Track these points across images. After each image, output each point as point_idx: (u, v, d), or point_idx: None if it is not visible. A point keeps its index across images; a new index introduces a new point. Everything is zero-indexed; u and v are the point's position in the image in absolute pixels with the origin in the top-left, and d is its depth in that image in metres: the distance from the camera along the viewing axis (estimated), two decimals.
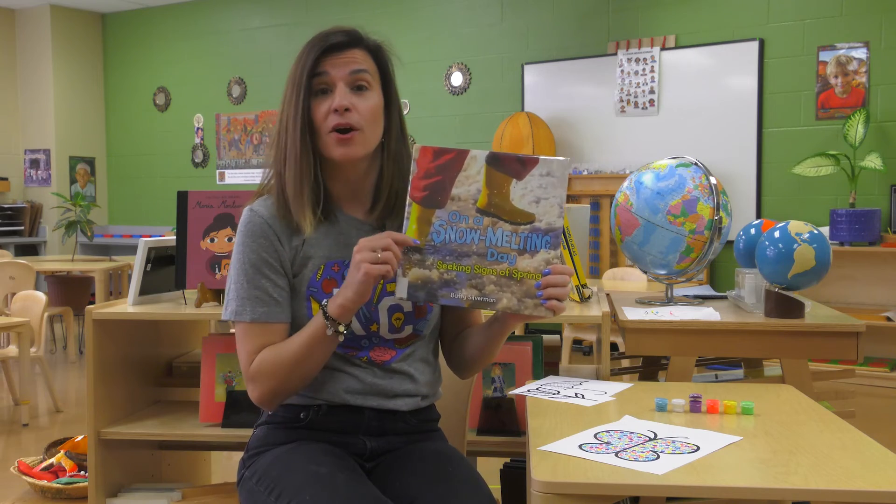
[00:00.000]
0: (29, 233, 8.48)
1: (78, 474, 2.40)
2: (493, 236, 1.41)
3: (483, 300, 1.41)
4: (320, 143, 1.50)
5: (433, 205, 1.41)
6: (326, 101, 1.49)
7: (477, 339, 1.60)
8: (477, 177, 1.41)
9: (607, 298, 2.49)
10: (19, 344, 4.35)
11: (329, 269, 1.54)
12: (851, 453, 1.34)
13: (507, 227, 1.41)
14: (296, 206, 1.49)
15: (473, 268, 1.41)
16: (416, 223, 1.41)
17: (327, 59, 1.49)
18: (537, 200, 1.41)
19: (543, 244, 1.41)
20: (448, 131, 6.87)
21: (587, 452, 1.34)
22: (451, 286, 1.41)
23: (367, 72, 1.51)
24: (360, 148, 1.50)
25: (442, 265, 1.41)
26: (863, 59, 5.53)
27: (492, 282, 1.41)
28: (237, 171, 8.18)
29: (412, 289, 1.41)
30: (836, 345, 2.18)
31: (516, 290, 1.41)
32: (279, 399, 1.52)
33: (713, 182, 2.33)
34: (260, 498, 1.47)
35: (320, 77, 1.49)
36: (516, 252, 1.41)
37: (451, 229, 1.41)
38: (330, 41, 1.50)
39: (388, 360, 1.57)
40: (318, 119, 1.49)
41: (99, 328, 2.15)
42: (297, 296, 1.54)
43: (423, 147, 1.42)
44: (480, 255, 1.41)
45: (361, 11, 7.31)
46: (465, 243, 1.41)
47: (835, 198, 5.63)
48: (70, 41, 8.58)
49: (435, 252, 1.41)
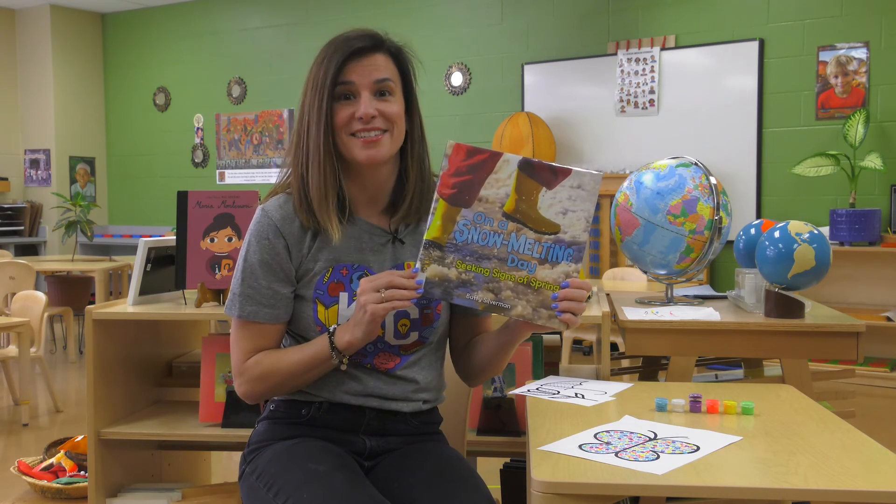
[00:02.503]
0: (29, 233, 8.48)
1: (78, 474, 2.40)
2: (516, 242, 1.40)
3: (498, 304, 1.41)
4: (341, 146, 1.51)
5: (460, 203, 1.41)
6: (350, 107, 1.49)
7: (487, 347, 1.60)
8: (507, 181, 1.40)
9: (607, 298, 2.49)
10: (19, 344, 4.35)
11: (337, 273, 1.54)
12: (851, 453, 1.34)
13: (531, 234, 1.40)
14: (321, 210, 1.50)
15: (492, 271, 1.40)
16: (440, 219, 1.41)
17: (350, 66, 1.49)
18: (564, 212, 1.40)
19: (565, 256, 1.40)
20: (448, 131, 6.87)
21: (587, 452, 1.34)
22: (468, 287, 1.41)
23: (390, 79, 1.52)
24: (385, 150, 1.51)
25: (461, 265, 1.41)
26: (863, 59, 5.53)
27: (509, 287, 1.40)
28: (237, 171, 8.18)
29: (429, 285, 1.40)
30: (836, 345, 2.18)
31: (532, 298, 1.40)
32: (264, 398, 1.58)
33: (713, 182, 2.33)
34: (259, 494, 1.48)
35: (345, 85, 1.49)
36: (537, 261, 1.40)
37: (475, 230, 1.41)
38: (353, 47, 1.49)
39: (393, 367, 1.57)
40: (341, 123, 1.49)
41: (99, 328, 2.15)
42: (304, 298, 1.54)
43: (457, 144, 1.41)
44: (501, 260, 1.40)
45: (362, 11, 7.31)
46: (486, 246, 1.40)
47: (835, 198, 5.63)
48: (70, 41, 8.58)
49: (456, 251, 1.41)
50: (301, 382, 1.53)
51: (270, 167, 7.99)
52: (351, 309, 1.53)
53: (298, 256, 1.54)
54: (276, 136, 7.96)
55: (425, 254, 1.41)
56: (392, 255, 1.57)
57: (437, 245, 1.41)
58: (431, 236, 1.41)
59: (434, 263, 1.41)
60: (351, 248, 1.55)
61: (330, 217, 1.50)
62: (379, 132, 1.49)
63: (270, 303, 1.52)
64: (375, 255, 1.56)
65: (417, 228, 1.59)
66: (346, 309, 1.53)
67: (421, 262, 1.41)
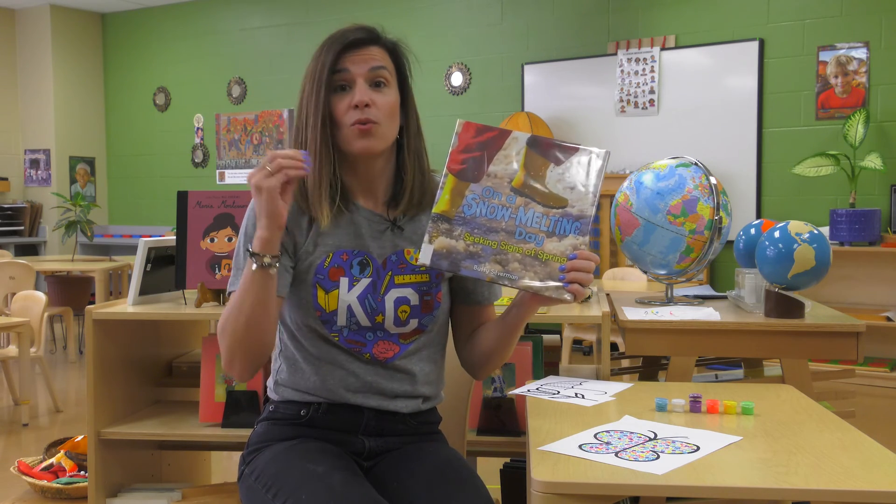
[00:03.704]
0: (29, 233, 8.48)
1: (78, 474, 2.40)
2: (524, 216, 1.42)
3: (505, 276, 1.42)
4: (339, 138, 1.52)
5: (469, 178, 1.43)
6: (346, 97, 1.50)
7: (492, 333, 1.59)
8: (516, 157, 1.43)
9: (607, 298, 2.49)
10: (19, 344, 4.35)
11: (337, 258, 1.55)
12: (851, 453, 1.34)
13: (539, 208, 1.42)
14: (314, 198, 1.51)
15: (500, 244, 1.42)
16: (449, 194, 1.43)
17: (347, 56, 1.51)
18: (572, 187, 1.42)
19: (573, 229, 1.42)
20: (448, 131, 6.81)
21: (587, 452, 1.34)
22: (476, 258, 1.42)
23: (386, 69, 1.53)
24: (379, 141, 1.51)
25: (469, 237, 1.42)
26: (863, 59, 5.53)
27: (516, 259, 1.42)
28: (237, 171, 8.18)
29: (436, 256, 1.42)
30: (836, 345, 2.18)
31: (540, 270, 1.41)
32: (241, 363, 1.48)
33: (713, 182, 2.33)
34: (258, 495, 1.48)
35: (340, 74, 1.51)
36: (545, 234, 1.42)
37: (483, 204, 1.43)
38: (349, 38, 1.52)
39: (391, 356, 1.57)
40: (338, 114, 1.50)
41: (99, 328, 2.15)
42: (304, 281, 1.54)
43: (466, 123, 1.45)
44: (509, 233, 1.42)
45: (362, 11, 7.31)
46: (494, 219, 1.42)
47: (835, 198, 5.63)
48: (70, 41, 8.58)
49: (464, 224, 1.42)
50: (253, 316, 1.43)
51: None
52: (351, 294, 1.53)
53: (298, 235, 1.54)
54: (276, 136, 7.96)
55: (433, 227, 1.43)
56: (392, 242, 1.57)
57: (446, 218, 1.43)
58: (440, 210, 1.43)
59: (442, 236, 1.42)
60: (350, 235, 1.56)
61: (321, 203, 1.51)
62: (372, 123, 1.50)
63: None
64: (375, 240, 1.57)
65: (417, 218, 1.60)
66: (346, 293, 1.53)
67: (429, 235, 1.42)
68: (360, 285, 1.54)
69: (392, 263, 1.56)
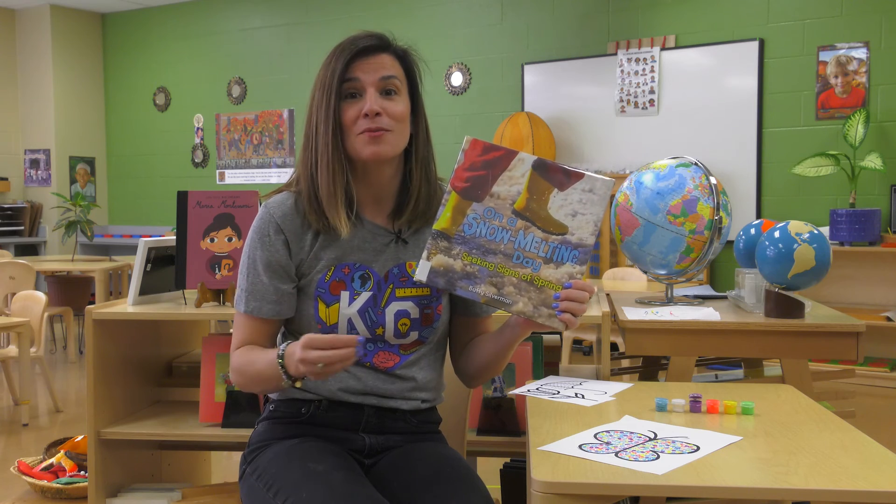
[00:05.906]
0: (29, 233, 8.48)
1: (78, 474, 2.40)
2: (523, 240, 1.42)
3: (499, 299, 1.42)
4: (349, 145, 1.51)
5: (472, 197, 1.43)
6: (356, 105, 1.50)
7: (486, 348, 1.60)
8: (520, 179, 1.42)
9: (607, 298, 2.49)
10: (19, 344, 4.35)
11: (339, 271, 1.55)
12: (851, 453, 1.34)
13: (539, 233, 1.42)
14: (330, 207, 1.51)
15: (497, 266, 1.42)
16: (450, 211, 1.43)
17: (357, 64, 1.50)
18: (574, 214, 1.42)
19: (571, 257, 1.42)
20: (448, 131, 6.87)
21: (587, 452, 1.34)
22: (472, 279, 1.42)
23: (396, 77, 1.53)
24: (389, 148, 1.51)
25: (467, 257, 1.42)
26: (863, 59, 5.53)
27: (512, 283, 1.42)
28: (237, 171, 8.18)
29: (433, 274, 1.42)
30: (836, 345, 2.18)
31: (534, 296, 1.42)
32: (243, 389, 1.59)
33: (713, 182, 2.33)
34: (259, 494, 1.49)
35: (351, 82, 1.50)
36: (542, 260, 1.42)
37: (484, 224, 1.43)
38: (360, 45, 1.51)
39: (392, 366, 1.58)
40: (348, 122, 1.50)
41: (99, 328, 2.15)
42: (306, 295, 1.55)
43: (474, 140, 1.44)
44: (506, 256, 1.42)
45: (362, 12, 7.30)
46: (494, 241, 1.42)
47: (835, 198, 5.63)
48: (70, 41, 8.58)
49: (463, 243, 1.43)
50: (266, 389, 1.55)
51: (270, 167, 7.99)
52: (352, 307, 1.54)
53: (299, 253, 1.55)
54: (276, 136, 7.96)
55: (433, 243, 1.43)
56: (394, 255, 1.58)
57: (445, 236, 1.43)
58: (441, 227, 1.43)
59: (440, 253, 1.42)
60: (354, 248, 1.56)
61: (338, 212, 1.51)
62: (383, 130, 1.49)
63: (273, 299, 1.54)
64: (377, 255, 1.57)
65: (422, 231, 1.59)
66: (346, 307, 1.54)
67: (428, 251, 1.43)
68: (361, 299, 1.55)
69: (394, 276, 1.57)
